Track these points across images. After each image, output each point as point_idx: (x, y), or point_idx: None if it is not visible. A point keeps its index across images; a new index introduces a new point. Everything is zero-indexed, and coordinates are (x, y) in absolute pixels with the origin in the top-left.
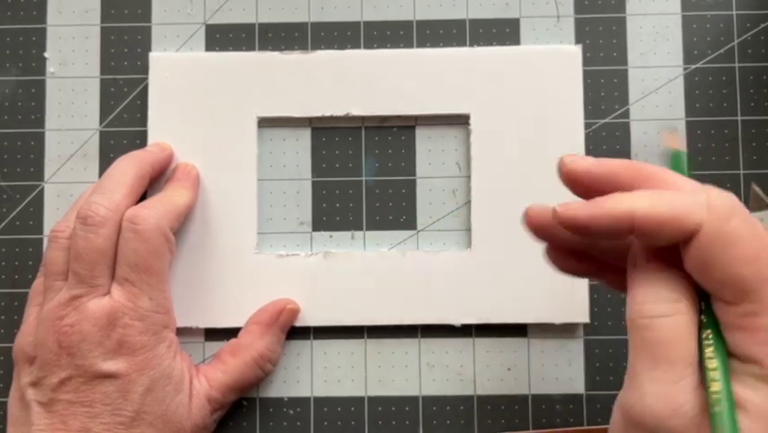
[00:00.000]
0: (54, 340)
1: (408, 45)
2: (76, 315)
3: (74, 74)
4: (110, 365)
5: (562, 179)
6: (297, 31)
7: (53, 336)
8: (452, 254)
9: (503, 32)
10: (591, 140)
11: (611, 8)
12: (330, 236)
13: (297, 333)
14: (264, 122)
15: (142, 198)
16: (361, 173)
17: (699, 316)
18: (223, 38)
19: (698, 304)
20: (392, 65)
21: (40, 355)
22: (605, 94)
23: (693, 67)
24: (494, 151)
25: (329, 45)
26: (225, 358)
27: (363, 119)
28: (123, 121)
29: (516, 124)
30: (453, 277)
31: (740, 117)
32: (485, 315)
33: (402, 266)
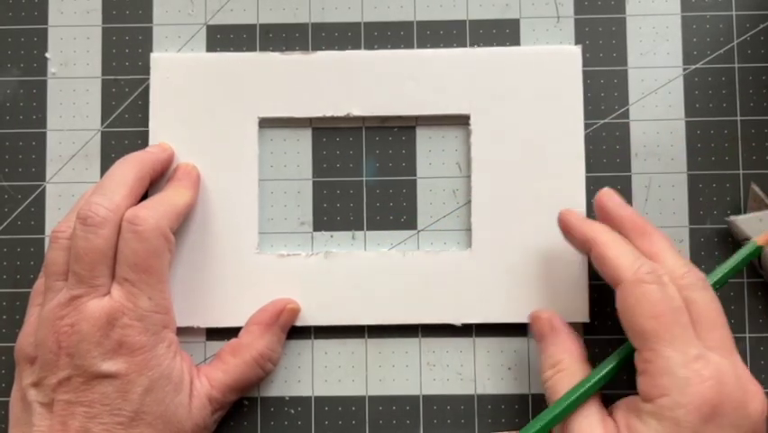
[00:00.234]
0: (54, 340)
1: (409, 46)
2: (75, 315)
3: (75, 74)
4: (109, 365)
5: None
6: (298, 31)
7: (53, 336)
8: (452, 254)
9: (503, 32)
10: (591, 140)
11: (611, 9)
12: (331, 236)
13: (298, 332)
14: (265, 122)
15: (143, 198)
16: (361, 173)
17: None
18: (224, 38)
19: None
20: (393, 65)
21: (40, 356)
22: (605, 94)
23: (693, 67)
24: (494, 151)
25: (330, 46)
26: (226, 358)
27: (364, 119)
28: (125, 121)
29: (516, 124)
30: (454, 277)
31: (740, 117)
32: (485, 314)
33: (402, 266)
